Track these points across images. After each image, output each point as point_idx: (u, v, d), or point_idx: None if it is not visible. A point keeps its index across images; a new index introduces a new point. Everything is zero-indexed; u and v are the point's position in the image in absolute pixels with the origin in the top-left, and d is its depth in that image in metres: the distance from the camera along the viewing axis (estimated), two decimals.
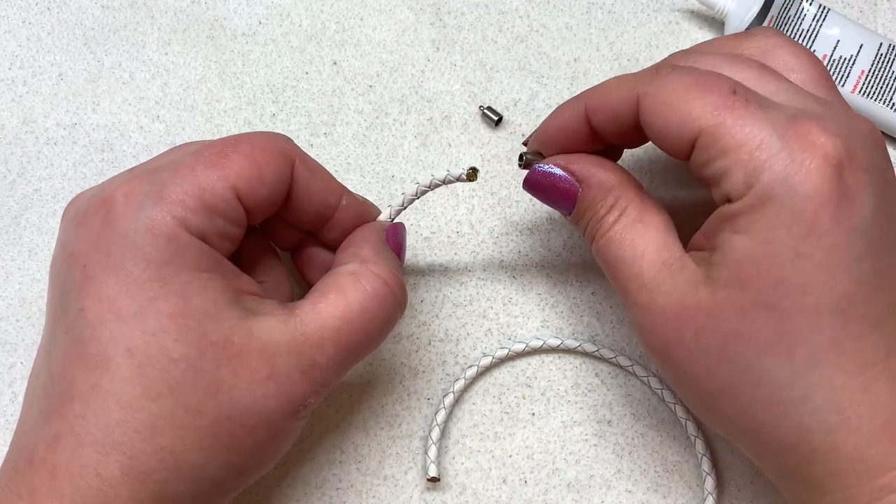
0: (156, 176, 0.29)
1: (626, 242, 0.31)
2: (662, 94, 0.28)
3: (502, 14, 0.42)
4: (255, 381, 0.28)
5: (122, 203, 0.28)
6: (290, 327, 0.29)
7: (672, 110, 0.28)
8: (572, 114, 0.32)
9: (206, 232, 0.29)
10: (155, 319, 0.27)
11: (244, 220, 0.30)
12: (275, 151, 0.30)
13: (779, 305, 0.27)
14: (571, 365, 0.38)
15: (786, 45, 0.31)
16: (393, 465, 0.37)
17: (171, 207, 0.28)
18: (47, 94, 0.41)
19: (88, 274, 0.28)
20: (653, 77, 0.29)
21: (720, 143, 0.27)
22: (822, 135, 0.26)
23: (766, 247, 0.27)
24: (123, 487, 0.27)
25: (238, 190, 0.29)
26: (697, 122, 0.28)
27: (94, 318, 0.28)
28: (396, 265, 0.33)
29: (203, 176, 0.29)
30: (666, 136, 0.29)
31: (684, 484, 0.37)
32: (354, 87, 0.41)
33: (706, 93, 0.28)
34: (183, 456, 0.27)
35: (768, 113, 0.27)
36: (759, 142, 0.27)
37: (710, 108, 0.27)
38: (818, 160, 0.26)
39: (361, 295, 0.30)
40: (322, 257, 0.35)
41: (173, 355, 0.27)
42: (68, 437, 0.27)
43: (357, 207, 0.33)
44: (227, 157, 0.29)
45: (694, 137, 0.28)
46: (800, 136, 0.26)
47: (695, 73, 0.29)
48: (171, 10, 0.42)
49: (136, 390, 0.27)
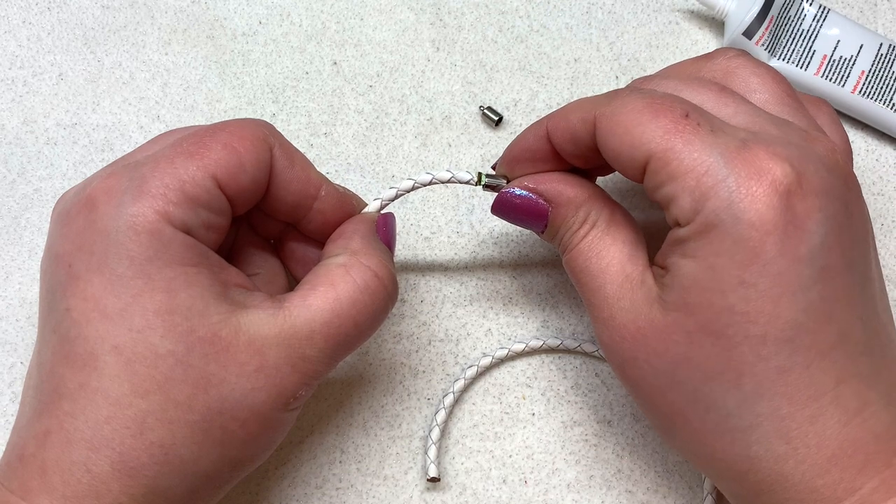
0: (135, 171, 0.29)
1: (592, 255, 0.31)
2: (617, 116, 0.28)
3: (502, 14, 0.42)
4: (244, 375, 0.28)
5: (104, 201, 0.28)
6: (279, 320, 0.29)
7: (625, 132, 0.28)
8: (535, 136, 0.32)
9: (190, 224, 0.28)
10: (141, 316, 0.27)
11: (228, 210, 0.30)
12: (253, 138, 0.30)
13: (724, 333, 0.26)
14: (571, 365, 0.38)
15: (747, 66, 0.31)
16: (393, 465, 0.37)
17: (153, 202, 0.28)
18: (47, 94, 0.41)
19: (73, 273, 0.28)
20: (611, 99, 0.29)
21: (669, 168, 0.27)
22: (771, 160, 0.26)
23: (711, 273, 0.26)
24: (114, 483, 0.27)
25: (219, 179, 0.29)
26: (648, 145, 0.27)
27: (80, 317, 0.28)
28: (387, 257, 0.33)
29: (183, 168, 0.29)
30: (619, 158, 0.28)
31: (684, 484, 0.37)
32: (354, 87, 0.41)
33: (658, 116, 0.27)
34: (174, 451, 0.28)
35: (718, 137, 0.27)
36: (706, 168, 0.26)
37: (661, 132, 0.27)
38: (764, 187, 0.26)
39: (351, 287, 0.30)
40: (304, 252, 0.34)
41: (161, 351, 0.27)
42: (58, 434, 0.27)
43: (336, 198, 0.33)
44: (206, 146, 0.29)
45: (645, 161, 0.28)
46: (747, 162, 0.26)
47: (650, 95, 0.28)
48: (171, 10, 0.42)
49: (125, 387, 0.27)
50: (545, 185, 0.32)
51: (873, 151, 0.41)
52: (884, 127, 0.41)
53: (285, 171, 0.31)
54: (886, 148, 0.41)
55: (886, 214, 0.40)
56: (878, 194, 0.41)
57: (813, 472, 0.26)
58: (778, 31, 0.40)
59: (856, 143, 0.41)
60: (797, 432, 0.26)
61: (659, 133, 0.27)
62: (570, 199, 0.31)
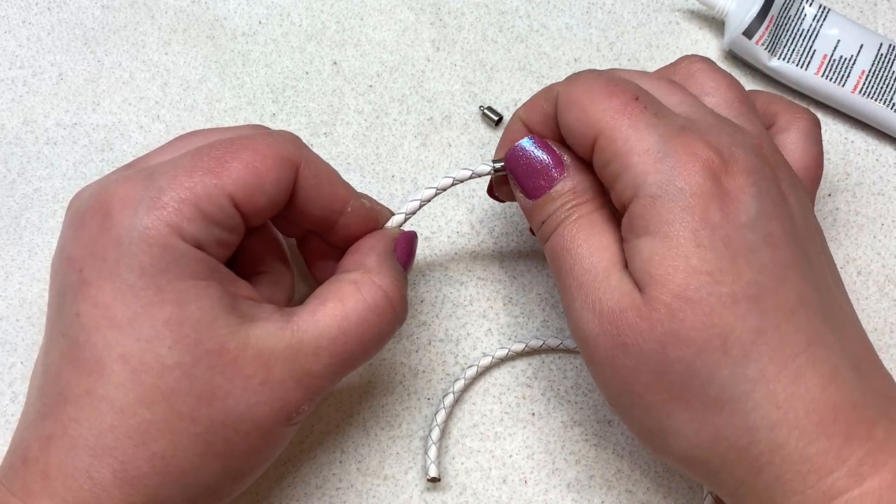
0: (152, 181, 0.29)
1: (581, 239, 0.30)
2: (573, 93, 0.30)
3: (502, 14, 0.42)
4: (249, 388, 0.28)
5: (119, 208, 0.28)
6: (286, 334, 0.29)
7: (580, 109, 0.29)
8: (516, 126, 0.33)
9: (201, 240, 0.28)
10: (149, 327, 0.27)
11: (241, 227, 0.30)
12: (276, 158, 0.30)
13: (697, 296, 0.27)
14: (571, 365, 0.38)
15: (706, 71, 0.32)
16: (393, 465, 0.37)
17: (167, 215, 0.28)
18: (47, 94, 0.41)
19: (84, 278, 0.28)
20: (573, 79, 0.31)
21: (614, 147, 0.28)
22: (703, 146, 0.28)
23: (668, 241, 0.27)
24: (115, 490, 0.27)
25: (236, 199, 0.29)
26: (598, 124, 0.29)
27: (89, 322, 0.28)
28: (400, 277, 0.32)
29: (200, 184, 0.28)
30: (572, 133, 0.30)
31: (684, 484, 0.37)
32: (354, 87, 0.41)
33: (610, 96, 0.29)
34: (175, 462, 0.28)
35: (660, 120, 0.28)
36: (647, 147, 0.28)
37: (611, 112, 0.29)
38: (698, 165, 0.27)
39: (361, 305, 0.30)
40: (328, 251, 0.34)
41: (167, 362, 0.27)
42: (62, 439, 0.27)
43: (363, 214, 0.33)
44: (226, 164, 0.29)
45: (594, 138, 0.29)
46: (683, 144, 0.28)
47: (605, 75, 0.30)
48: (171, 10, 0.42)
49: (130, 396, 0.27)
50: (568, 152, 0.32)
51: (873, 151, 0.41)
52: (884, 127, 0.41)
53: (311, 188, 0.31)
54: (886, 148, 0.41)
55: (886, 214, 0.40)
56: (878, 194, 0.41)
57: (804, 440, 0.27)
58: (778, 30, 0.40)
59: (856, 143, 0.41)
60: (784, 395, 0.27)
61: (609, 113, 0.29)
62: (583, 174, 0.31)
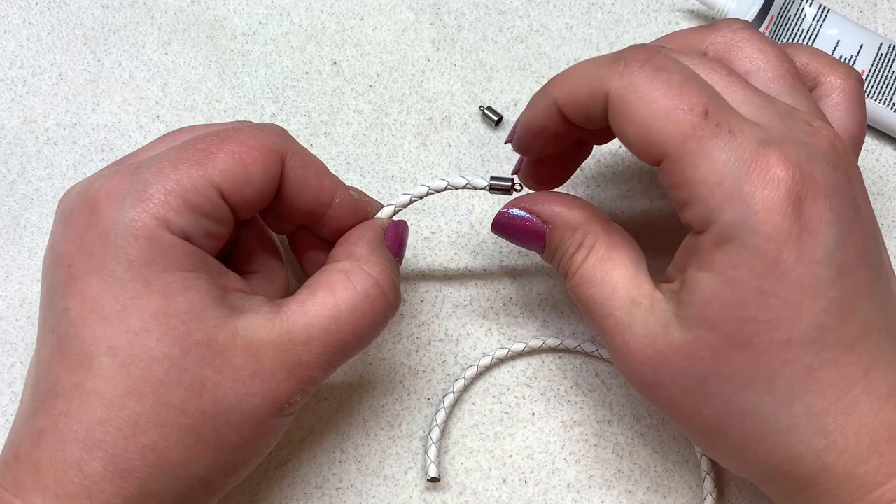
0: (138, 175, 0.29)
1: (595, 281, 0.30)
2: (632, 104, 0.27)
3: (502, 14, 0.42)
4: (239, 380, 0.28)
5: (105, 203, 0.28)
6: (276, 325, 0.29)
7: (641, 124, 0.27)
8: (545, 110, 0.31)
9: (189, 232, 0.28)
10: (137, 319, 0.27)
11: (230, 219, 0.30)
12: (263, 149, 0.30)
13: (750, 343, 0.27)
14: (571, 365, 0.38)
15: (751, 40, 0.30)
16: (393, 465, 0.37)
17: (153, 208, 0.28)
18: (47, 94, 0.41)
19: (73, 274, 0.28)
20: (621, 72, 0.28)
21: (684, 174, 0.27)
22: (782, 166, 0.26)
23: (731, 286, 0.26)
24: (106, 484, 0.27)
25: (223, 190, 0.29)
26: (663, 146, 0.27)
27: (78, 317, 0.28)
28: (391, 265, 0.32)
29: (186, 175, 0.28)
30: (633, 147, 0.28)
31: (684, 484, 0.37)
32: (354, 87, 0.41)
33: (677, 110, 0.26)
34: (166, 454, 0.28)
35: (735, 139, 0.26)
36: (720, 178, 0.26)
37: (679, 134, 0.26)
38: (779, 195, 0.26)
39: (351, 294, 0.30)
40: (318, 244, 0.34)
41: (156, 354, 0.27)
42: (52, 434, 0.27)
43: (352, 205, 0.33)
44: (212, 155, 0.29)
45: (660, 158, 0.27)
46: (761, 169, 0.26)
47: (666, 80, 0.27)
48: (171, 10, 0.42)
49: (119, 389, 0.27)
50: (542, 206, 0.32)
51: (873, 151, 0.41)
52: (884, 127, 0.41)
53: (298, 179, 0.31)
54: (886, 148, 0.41)
55: (886, 214, 0.40)
56: (878, 194, 0.41)
57: (854, 461, 0.27)
58: (778, 30, 0.40)
59: None
60: (834, 426, 0.27)
61: (676, 134, 0.26)
62: (567, 222, 0.31)
